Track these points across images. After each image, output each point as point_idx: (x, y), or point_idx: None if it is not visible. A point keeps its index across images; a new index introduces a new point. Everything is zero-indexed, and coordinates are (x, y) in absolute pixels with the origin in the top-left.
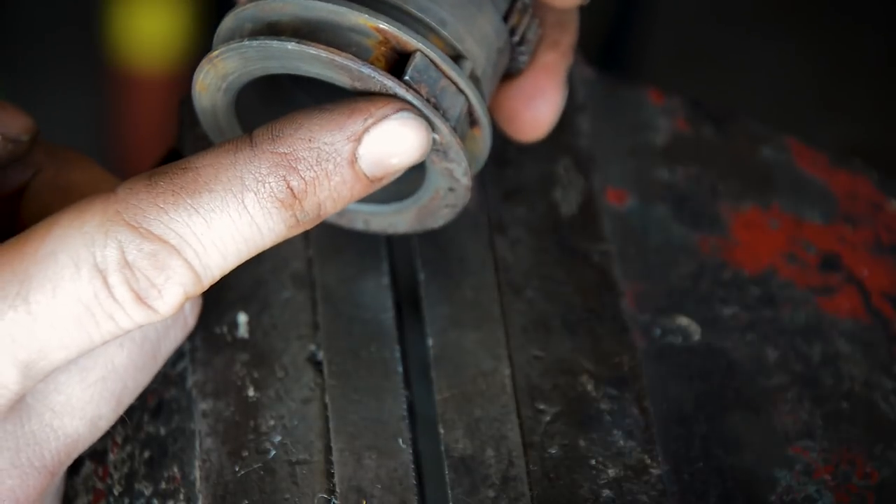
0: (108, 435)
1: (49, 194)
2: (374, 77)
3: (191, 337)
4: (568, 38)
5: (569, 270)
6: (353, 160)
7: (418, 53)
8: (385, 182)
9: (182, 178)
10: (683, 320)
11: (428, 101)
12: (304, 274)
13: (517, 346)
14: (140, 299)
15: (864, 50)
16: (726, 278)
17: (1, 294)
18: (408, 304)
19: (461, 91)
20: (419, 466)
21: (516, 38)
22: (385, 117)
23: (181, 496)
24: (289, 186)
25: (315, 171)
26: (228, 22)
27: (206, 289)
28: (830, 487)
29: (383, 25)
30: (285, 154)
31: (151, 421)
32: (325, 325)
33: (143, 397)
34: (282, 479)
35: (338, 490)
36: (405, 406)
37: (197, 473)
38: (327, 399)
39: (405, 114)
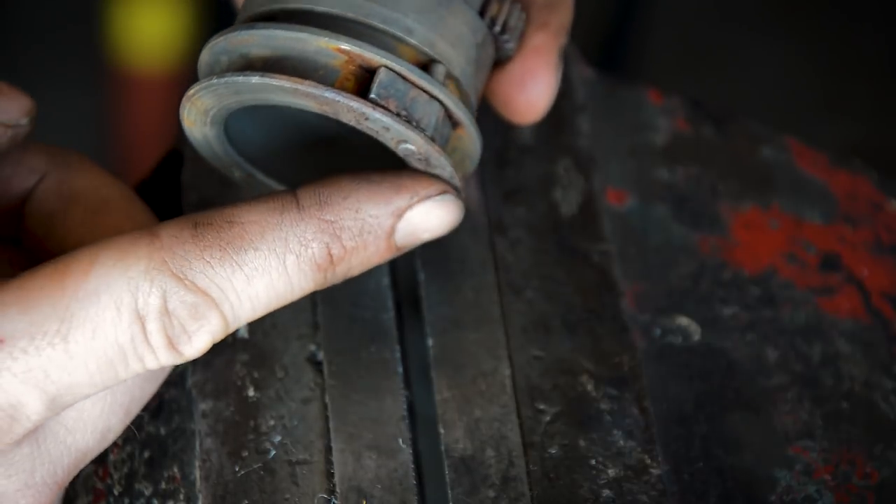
0: None
1: (54, 202)
2: (339, 101)
3: None
4: (558, 18)
5: (569, 270)
6: (391, 233)
7: (382, 69)
8: (408, 249)
9: (228, 233)
10: (683, 320)
11: (398, 114)
12: None
13: (517, 346)
14: (172, 345)
15: (865, 50)
16: (726, 278)
17: (40, 329)
18: (408, 304)
19: (434, 97)
20: (419, 466)
21: (497, 29)
22: (429, 197)
23: (181, 496)
24: (329, 253)
25: (356, 242)
26: (205, 55)
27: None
28: (830, 487)
29: (344, 45)
30: (331, 222)
31: (151, 421)
32: (325, 325)
33: None
34: (282, 479)
35: (338, 490)
36: (405, 406)
37: (197, 473)
38: (327, 399)
39: (448, 196)
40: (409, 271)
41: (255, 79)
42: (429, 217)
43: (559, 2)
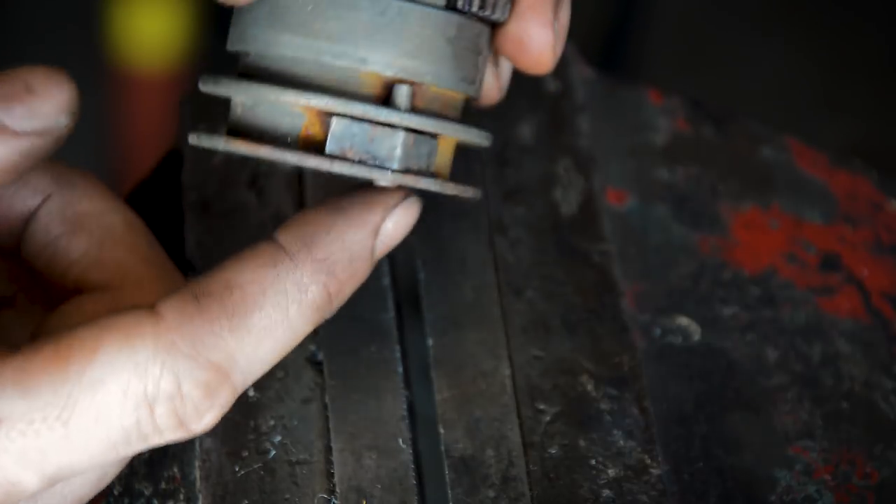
0: None
1: (57, 226)
2: (297, 161)
3: None
4: None
5: (569, 270)
6: (373, 251)
7: (334, 118)
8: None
9: (231, 300)
10: (683, 320)
11: (359, 161)
12: None
13: (517, 346)
14: (182, 425)
15: (865, 49)
16: (726, 278)
17: (40, 414)
18: (408, 304)
19: (396, 126)
20: (419, 466)
21: (474, 9)
22: (397, 206)
23: (181, 496)
24: (328, 291)
25: (349, 272)
26: (200, 95)
27: None
28: (830, 487)
29: (291, 97)
30: (323, 260)
31: None
32: (326, 325)
33: None
34: (282, 479)
35: (338, 490)
36: (405, 406)
37: (197, 473)
38: (327, 399)
39: (410, 199)
40: (409, 271)
41: (221, 145)
42: (399, 224)
43: None
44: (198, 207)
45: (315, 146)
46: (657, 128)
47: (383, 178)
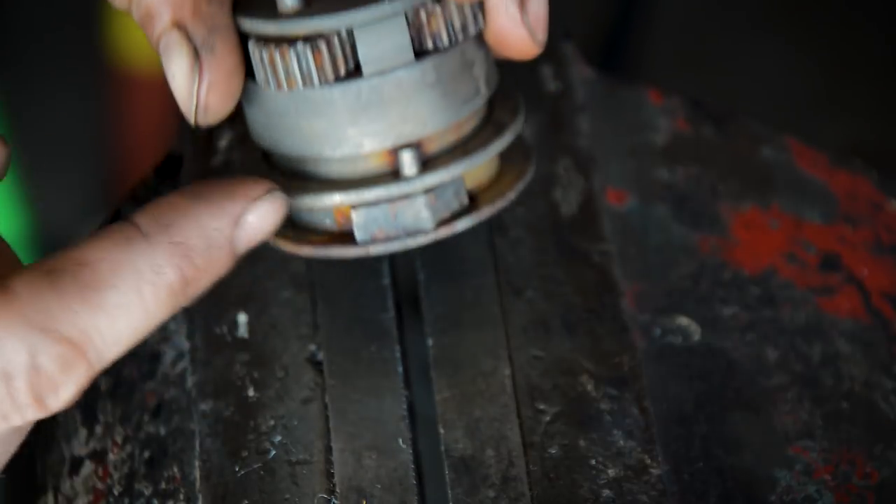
0: (108, 435)
1: None
2: (340, 256)
3: (191, 337)
4: None
5: (569, 270)
6: (233, 241)
7: (352, 211)
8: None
9: (83, 275)
10: (683, 320)
11: (391, 238)
12: (304, 274)
13: (517, 346)
14: (39, 400)
15: (865, 49)
16: (726, 278)
17: None
18: (408, 304)
19: (413, 195)
20: (419, 466)
21: (443, 43)
22: (260, 198)
23: (181, 496)
24: (183, 275)
25: (205, 258)
26: None
27: None
28: (830, 487)
29: (308, 203)
30: (179, 243)
31: (151, 421)
32: (325, 325)
33: (143, 398)
34: (282, 479)
35: (338, 490)
36: (405, 406)
37: (197, 473)
38: (327, 399)
39: (276, 193)
40: (409, 271)
41: (271, 242)
42: (264, 218)
43: None
44: None
45: (351, 234)
46: (657, 128)
47: (422, 241)
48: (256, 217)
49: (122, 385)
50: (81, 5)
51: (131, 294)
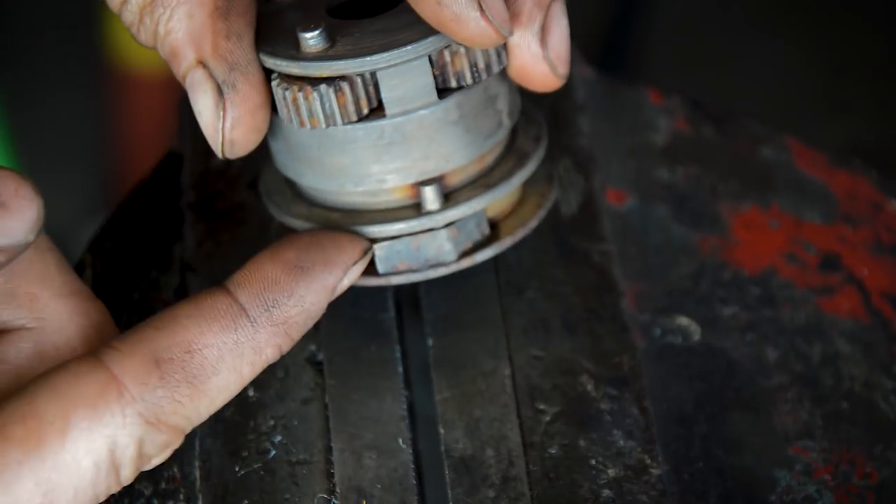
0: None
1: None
2: (361, 284)
3: None
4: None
5: (569, 270)
6: (326, 306)
7: (374, 246)
8: None
9: (191, 365)
10: (683, 320)
11: (413, 270)
12: None
13: (517, 346)
14: (136, 474)
15: (865, 49)
16: (726, 278)
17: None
18: (408, 304)
19: (434, 229)
20: (419, 466)
21: (467, 81)
22: (356, 263)
23: (181, 496)
24: (281, 350)
25: (303, 330)
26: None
27: None
28: (830, 487)
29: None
30: (283, 323)
31: None
32: (325, 325)
33: None
34: (282, 479)
35: (338, 490)
36: (405, 406)
37: (197, 473)
38: (327, 399)
39: (369, 252)
40: None
41: None
42: (354, 276)
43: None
44: (198, 207)
45: (373, 264)
46: (657, 128)
47: (443, 272)
48: (349, 279)
49: None
50: (81, 5)
51: (233, 376)
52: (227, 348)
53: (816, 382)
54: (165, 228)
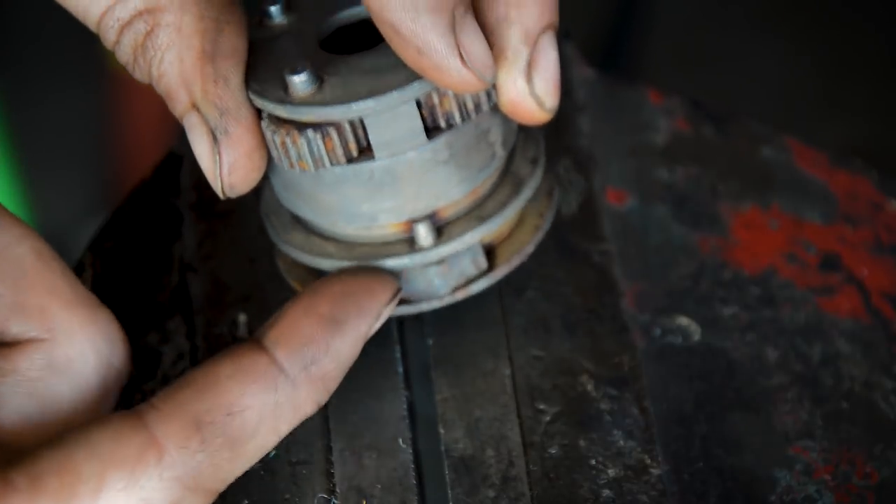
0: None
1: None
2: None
3: (191, 337)
4: (514, 29)
5: (569, 270)
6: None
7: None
8: None
9: (231, 427)
10: (683, 320)
11: (407, 302)
12: None
13: (517, 346)
14: None
15: (865, 49)
16: (726, 278)
17: None
18: None
19: (427, 264)
20: (419, 466)
21: (457, 121)
22: (386, 307)
23: None
24: (319, 405)
25: (339, 380)
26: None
27: None
28: (830, 487)
29: (322, 263)
30: (320, 379)
31: None
32: None
33: (143, 398)
34: (282, 479)
35: (338, 490)
36: (405, 406)
37: None
38: None
39: (399, 295)
40: None
41: (285, 277)
42: (384, 320)
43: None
44: (198, 208)
45: None
46: (657, 128)
47: (436, 305)
48: (381, 322)
49: None
50: None
51: (272, 436)
52: (267, 410)
53: (816, 382)
54: (165, 228)
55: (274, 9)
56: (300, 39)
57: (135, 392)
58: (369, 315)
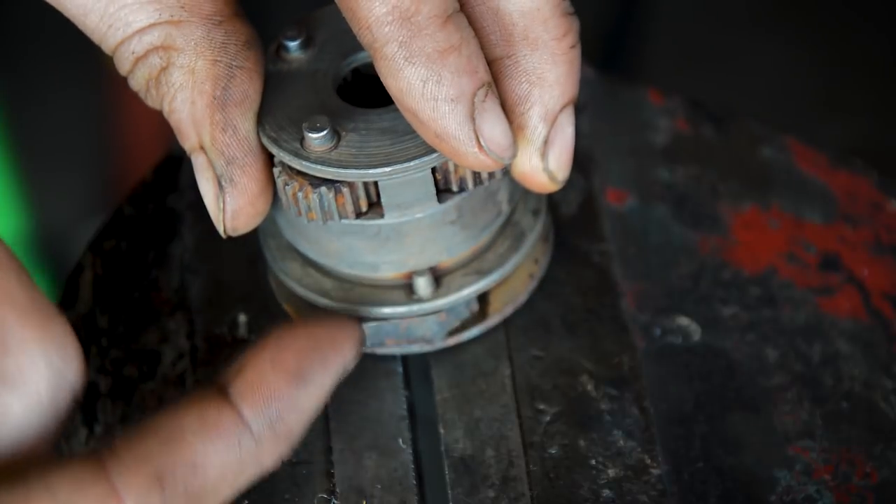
0: (108, 435)
1: None
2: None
3: (191, 337)
4: (529, 102)
5: (569, 270)
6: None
7: (363, 325)
8: None
9: (193, 484)
10: (683, 320)
11: (403, 344)
12: None
13: (517, 346)
14: None
15: (865, 49)
16: (726, 278)
17: None
18: None
19: (425, 315)
20: (419, 466)
21: (469, 186)
22: (352, 359)
23: None
24: (281, 459)
25: (301, 435)
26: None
27: None
28: (830, 487)
29: (324, 303)
30: (286, 436)
31: None
32: None
33: (142, 398)
34: (282, 480)
35: (338, 490)
36: (405, 406)
37: None
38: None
39: (362, 346)
40: None
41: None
42: (348, 371)
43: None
44: (196, 208)
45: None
46: (657, 128)
47: (429, 349)
48: (345, 373)
49: (122, 385)
50: None
51: (230, 490)
52: (229, 466)
53: (816, 382)
54: (165, 228)
55: (293, 44)
56: (317, 82)
57: (134, 392)
58: (334, 371)
